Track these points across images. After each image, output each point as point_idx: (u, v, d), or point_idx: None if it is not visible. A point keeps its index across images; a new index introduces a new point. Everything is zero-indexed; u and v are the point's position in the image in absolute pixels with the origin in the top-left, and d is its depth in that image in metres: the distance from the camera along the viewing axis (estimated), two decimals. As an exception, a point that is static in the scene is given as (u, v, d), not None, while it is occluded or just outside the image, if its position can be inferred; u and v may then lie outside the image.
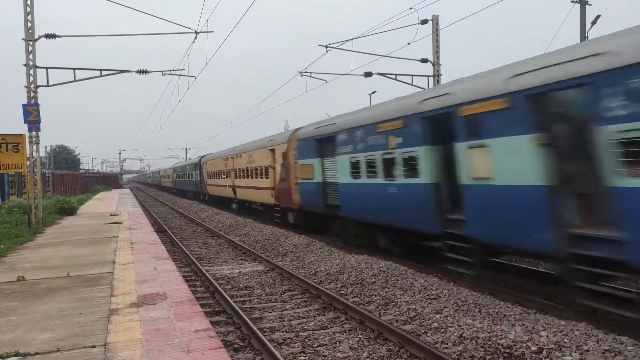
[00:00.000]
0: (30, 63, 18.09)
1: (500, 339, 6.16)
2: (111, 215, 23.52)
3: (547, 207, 7.35)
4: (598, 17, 18.36)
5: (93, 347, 5.42)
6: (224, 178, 31.26)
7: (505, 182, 8.07)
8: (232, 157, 28.70)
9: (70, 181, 55.23)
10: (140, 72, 21.06)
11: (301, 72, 22.00)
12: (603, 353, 5.59)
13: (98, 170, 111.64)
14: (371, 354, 6.43)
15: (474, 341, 6.32)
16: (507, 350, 5.91)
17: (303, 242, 15.00)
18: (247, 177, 25.18)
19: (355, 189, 13.52)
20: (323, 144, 15.78)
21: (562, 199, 7.24)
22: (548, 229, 7.31)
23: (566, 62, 7.03)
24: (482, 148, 8.49)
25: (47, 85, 18.77)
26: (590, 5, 18.67)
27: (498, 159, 8.18)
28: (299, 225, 18.57)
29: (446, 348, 6.42)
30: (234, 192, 28.58)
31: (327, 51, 20.30)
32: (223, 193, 32.09)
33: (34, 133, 18.29)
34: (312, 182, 16.51)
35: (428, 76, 21.55)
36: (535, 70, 7.58)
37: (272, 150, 20.95)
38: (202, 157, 41.52)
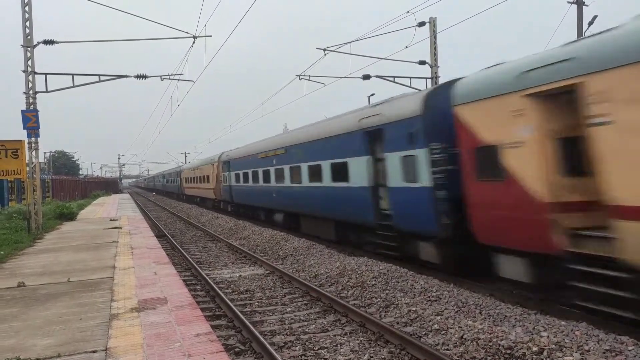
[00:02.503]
0: (29, 69, 18.11)
1: (501, 340, 6.16)
2: (111, 220, 23.51)
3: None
4: (595, 17, 18.45)
5: (94, 352, 5.42)
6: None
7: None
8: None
9: (70, 186, 55.18)
10: (138, 77, 21.09)
11: (299, 76, 22.05)
12: (604, 353, 5.60)
13: (97, 175, 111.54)
14: (372, 357, 6.43)
15: (474, 342, 6.33)
16: (508, 351, 5.92)
17: (303, 245, 15.00)
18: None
19: None
20: None
21: None
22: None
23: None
24: None
25: (46, 91, 18.79)
26: (587, 6, 18.74)
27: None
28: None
29: (447, 350, 6.42)
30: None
31: (325, 54, 20.35)
32: None
33: (33, 139, 18.30)
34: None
35: (426, 78, 21.61)
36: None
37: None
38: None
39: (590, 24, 18.40)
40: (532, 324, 6.72)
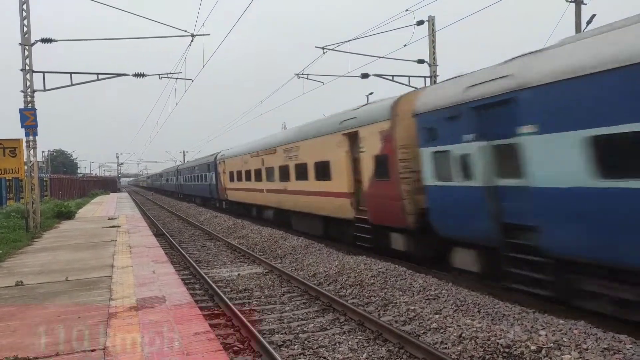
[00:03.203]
0: (27, 68, 18.06)
1: (500, 339, 6.17)
2: (109, 219, 23.48)
3: None
4: (593, 16, 18.43)
5: (92, 350, 5.41)
6: None
7: None
8: None
9: (68, 185, 55.05)
10: (137, 75, 21.03)
11: (298, 74, 22.02)
12: (602, 351, 5.61)
13: (96, 174, 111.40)
14: (371, 355, 6.43)
15: (473, 341, 6.33)
16: (507, 350, 5.92)
17: (302, 244, 15.00)
18: None
19: None
20: None
21: None
22: None
23: None
24: None
25: (44, 90, 18.74)
26: (585, 4, 18.74)
27: None
28: None
29: (445, 348, 6.43)
30: None
31: (324, 53, 20.32)
32: None
33: (31, 137, 18.24)
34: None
35: (425, 77, 21.61)
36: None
37: None
38: None
39: (589, 22, 18.40)
40: (530, 323, 6.73)
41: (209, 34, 19.06)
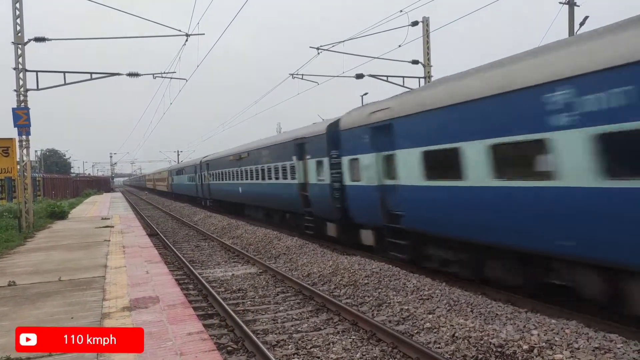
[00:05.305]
0: (20, 67, 17.96)
1: (492, 338, 6.20)
2: (103, 219, 23.38)
3: None
4: (586, 18, 18.58)
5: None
6: None
7: None
8: None
9: (61, 185, 54.77)
10: (131, 75, 20.95)
11: (292, 75, 22.02)
12: (593, 351, 5.66)
13: (89, 173, 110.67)
14: (364, 355, 6.45)
15: (466, 340, 6.37)
16: (499, 349, 5.96)
17: (296, 244, 15.00)
18: None
19: None
20: None
21: None
22: None
23: None
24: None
25: (37, 89, 18.64)
26: (578, 6, 18.89)
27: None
28: None
29: (439, 348, 6.47)
30: None
31: (319, 53, 20.33)
32: None
33: (24, 137, 18.15)
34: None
35: (419, 77, 21.67)
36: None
37: None
38: None
39: (582, 24, 18.54)
40: (522, 322, 6.78)
41: (204, 34, 19.06)
